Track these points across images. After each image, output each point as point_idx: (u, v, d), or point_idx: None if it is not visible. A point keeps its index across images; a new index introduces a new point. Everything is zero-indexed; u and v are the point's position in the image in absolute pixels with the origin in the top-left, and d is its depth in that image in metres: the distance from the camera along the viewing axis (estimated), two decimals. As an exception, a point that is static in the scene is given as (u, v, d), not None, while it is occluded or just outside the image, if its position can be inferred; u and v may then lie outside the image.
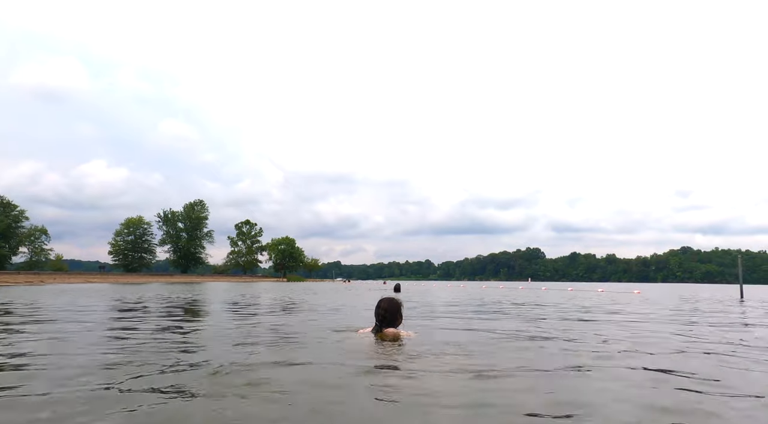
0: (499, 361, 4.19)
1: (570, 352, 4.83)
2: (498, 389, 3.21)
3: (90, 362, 4.02)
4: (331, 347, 5.12)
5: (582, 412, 2.65)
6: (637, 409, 2.74)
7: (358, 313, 9.92)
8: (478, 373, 3.66)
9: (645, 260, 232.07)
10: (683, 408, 2.75)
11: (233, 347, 4.93)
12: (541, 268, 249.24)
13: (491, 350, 4.87)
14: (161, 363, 3.93)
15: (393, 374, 3.69)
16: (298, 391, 3.12)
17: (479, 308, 12.02)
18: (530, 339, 5.82)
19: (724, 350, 5.03)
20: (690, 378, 3.56)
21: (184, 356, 4.33)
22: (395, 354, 4.55)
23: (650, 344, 5.46)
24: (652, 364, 4.12)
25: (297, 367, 3.94)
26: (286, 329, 6.68)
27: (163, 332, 6.34)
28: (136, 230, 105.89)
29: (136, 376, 3.43)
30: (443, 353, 4.59)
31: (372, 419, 2.62)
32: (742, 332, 6.94)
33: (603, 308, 12.54)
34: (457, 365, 3.99)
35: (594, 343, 5.49)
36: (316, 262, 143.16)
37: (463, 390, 3.19)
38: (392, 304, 5.83)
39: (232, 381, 3.32)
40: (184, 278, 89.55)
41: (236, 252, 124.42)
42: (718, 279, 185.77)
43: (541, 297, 19.28)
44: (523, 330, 6.79)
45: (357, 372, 3.70)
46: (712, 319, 9.21)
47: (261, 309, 11.17)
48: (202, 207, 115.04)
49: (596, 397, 2.99)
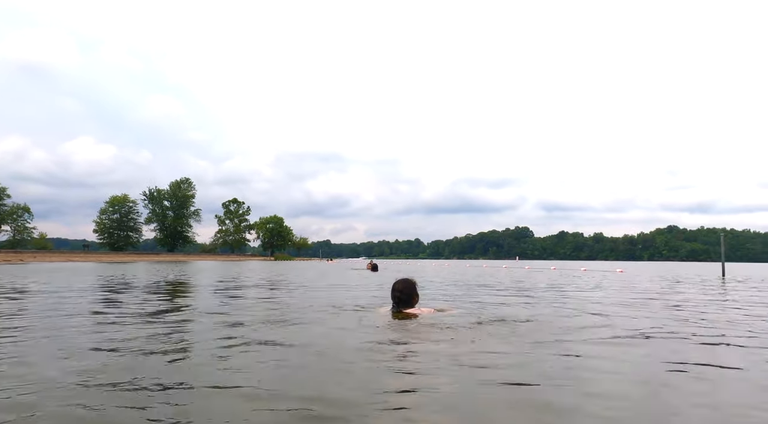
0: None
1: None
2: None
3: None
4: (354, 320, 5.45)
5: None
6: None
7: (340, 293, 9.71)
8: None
9: (632, 238, 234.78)
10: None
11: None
12: (530, 246, 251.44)
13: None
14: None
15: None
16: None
17: (447, 287, 11.88)
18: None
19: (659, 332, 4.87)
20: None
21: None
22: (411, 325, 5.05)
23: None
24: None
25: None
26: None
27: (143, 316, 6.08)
28: (122, 209, 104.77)
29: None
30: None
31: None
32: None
33: (556, 286, 12.43)
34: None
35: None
36: (305, 241, 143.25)
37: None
38: (407, 285, 5.82)
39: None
40: (170, 256, 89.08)
41: (224, 231, 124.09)
42: (703, 257, 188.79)
43: (515, 276, 19.24)
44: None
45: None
46: (692, 298, 9.11)
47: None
48: (189, 185, 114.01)
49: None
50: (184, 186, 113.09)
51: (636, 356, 3.80)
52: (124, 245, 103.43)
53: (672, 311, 7.03)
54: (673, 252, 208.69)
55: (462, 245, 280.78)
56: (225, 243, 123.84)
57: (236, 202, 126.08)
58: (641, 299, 9.20)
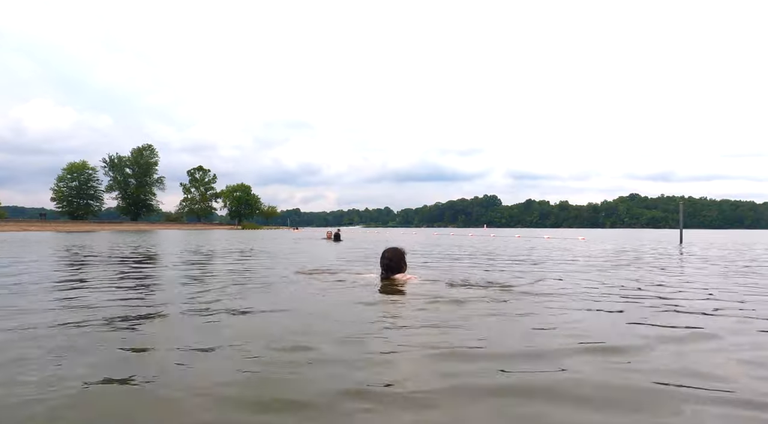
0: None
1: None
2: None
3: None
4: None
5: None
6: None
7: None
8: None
9: (595, 206, 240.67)
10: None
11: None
12: (498, 214, 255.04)
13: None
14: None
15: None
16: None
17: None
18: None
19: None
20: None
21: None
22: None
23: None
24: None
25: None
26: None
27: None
28: (81, 176, 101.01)
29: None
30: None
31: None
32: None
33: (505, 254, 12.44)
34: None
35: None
36: (274, 209, 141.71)
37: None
38: (396, 253, 6.20)
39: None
40: (133, 226, 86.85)
41: (189, 199, 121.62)
42: (662, 224, 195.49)
43: (478, 245, 19.28)
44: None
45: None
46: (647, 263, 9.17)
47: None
48: (152, 152, 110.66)
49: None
50: (146, 153, 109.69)
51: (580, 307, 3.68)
52: (84, 213, 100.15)
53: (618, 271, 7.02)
54: (634, 219, 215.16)
55: (431, 213, 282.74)
56: (191, 212, 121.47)
57: (202, 169, 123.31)
58: (599, 262, 9.64)
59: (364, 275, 6.72)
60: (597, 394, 2.24)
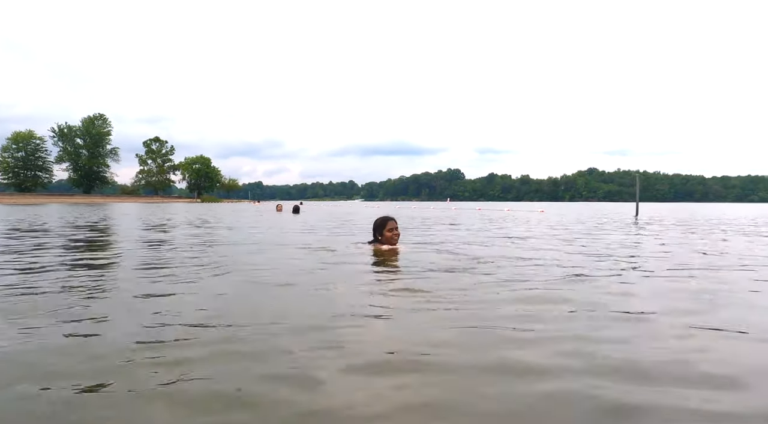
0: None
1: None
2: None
3: None
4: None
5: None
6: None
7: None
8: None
9: (555, 180, 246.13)
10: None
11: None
12: (461, 188, 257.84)
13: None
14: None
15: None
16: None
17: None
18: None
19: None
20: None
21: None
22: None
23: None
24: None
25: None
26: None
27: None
28: (27, 146, 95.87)
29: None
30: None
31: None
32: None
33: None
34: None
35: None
36: (235, 182, 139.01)
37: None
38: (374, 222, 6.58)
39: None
40: (85, 198, 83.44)
41: (146, 171, 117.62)
42: (617, 198, 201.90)
43: (438, 216, 19.27)
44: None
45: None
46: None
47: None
48: (104, 122, 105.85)
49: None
50: (98, 123, 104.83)
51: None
52: (32, 185, 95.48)
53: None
54: (592, 193, 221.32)
55: (396, 186, 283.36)
56: (148, 184, 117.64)
57: (158, 141, 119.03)
58: (551, 234, 9.85)
59: (361, 245, 7.00)
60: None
